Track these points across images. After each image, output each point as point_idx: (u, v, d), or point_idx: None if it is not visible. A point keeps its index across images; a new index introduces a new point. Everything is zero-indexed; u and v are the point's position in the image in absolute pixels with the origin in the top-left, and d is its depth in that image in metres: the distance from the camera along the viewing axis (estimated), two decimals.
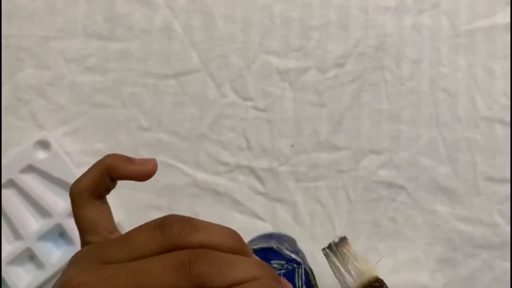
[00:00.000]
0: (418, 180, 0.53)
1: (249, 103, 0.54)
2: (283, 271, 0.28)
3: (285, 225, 0.52)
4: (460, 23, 0.55)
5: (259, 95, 0.54)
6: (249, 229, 0.52)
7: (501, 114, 0.54)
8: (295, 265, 0.29)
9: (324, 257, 0.38)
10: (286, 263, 0.29)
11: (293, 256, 0.29)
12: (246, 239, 0.52)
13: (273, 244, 0.29)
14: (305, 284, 0.28)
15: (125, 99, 0.53)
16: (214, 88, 0.54)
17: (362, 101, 0.54)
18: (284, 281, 0.23)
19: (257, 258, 0.22)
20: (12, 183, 0.50)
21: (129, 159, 0.25)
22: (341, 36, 0.55)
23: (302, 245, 0.52)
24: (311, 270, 0.30)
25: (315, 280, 0.29)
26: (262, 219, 0.52)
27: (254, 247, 0.29)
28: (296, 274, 0.28)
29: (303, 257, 0.31)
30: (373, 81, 0.54)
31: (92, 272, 0.18)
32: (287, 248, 0.30)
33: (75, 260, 0.20)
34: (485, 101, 0.54)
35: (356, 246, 0.53)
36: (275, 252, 0.29)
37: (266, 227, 0.52)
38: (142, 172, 0.24)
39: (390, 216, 0.53)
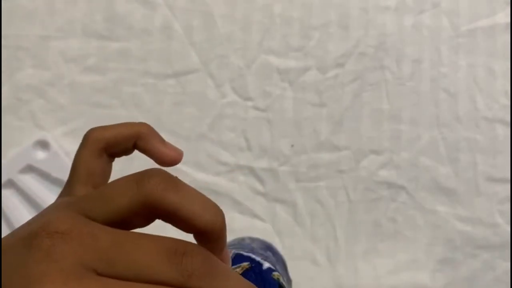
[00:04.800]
0: (419, 180, 0.53)
1: (249, 103, 0.54)
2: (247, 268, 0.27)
3: (285, 225, 0.52)
4: (460, 23, 0.55)
5: (259, 95, 0.54)
6: (249, 229, 0.52)
7: (502, 114, 0.54)
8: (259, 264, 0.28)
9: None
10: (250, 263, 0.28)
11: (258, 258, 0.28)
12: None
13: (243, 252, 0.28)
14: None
15: (125, 99, 0.53)
16: (214, 88, 0.53)
17: (362, 101, 0.54)
18: None
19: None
20: (12, 183, 0.50)
21: (162, 139, 0.24)
22: (341, 36, 0.54)
23: (302, 245, 0.52)
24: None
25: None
26: (262, 219, 0.52)
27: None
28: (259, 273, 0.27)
29: (273, 262, 0.30)
30: (373, 81, 0.54)
31: (73, 222, 0.16)
32: (256, 252, 0.29)
33: (53, 207, 0.19)
34: (485, 101, 0.54)
35: (356, 246, 0.53)
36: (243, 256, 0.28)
37: (266, 227, 0.52)
38: (169, 157, 0.23)
39: (391, 216, 0.53)
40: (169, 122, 0.53)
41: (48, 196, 0.51)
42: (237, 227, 0.52)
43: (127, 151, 0.23)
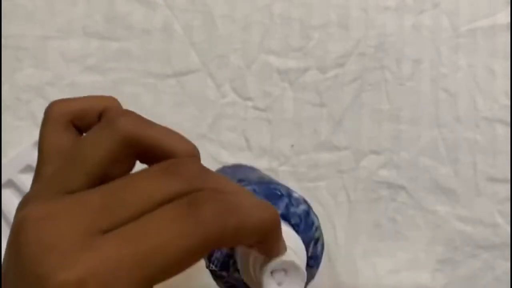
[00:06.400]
0: (419, 180, 0.53)
1: (249, 103, 0.54)
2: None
3: None
4: (460, 23, 0.55)
5: (259, 95, 0.54)
6: None
7: (502, 114, 0.54)
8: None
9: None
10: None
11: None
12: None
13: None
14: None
15: (125, 99, 0.53)
16: (214, 88, 0.53)
17: (362, 101, 0.54)
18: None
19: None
20: (12, 183, 0.50)
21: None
22: (341, 36, 0.54)
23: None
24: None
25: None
26: None
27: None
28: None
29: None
30: (373, 81, 0.54)
31: (55, 201, 0.14)
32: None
33: (29, 198, 0.16)
34: (485, 101, 0.54)
35: (356, 246, 0.53)
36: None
37: None
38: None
39: (391, 216, 0.53)
40: (169, 122, 0.53)
41: None
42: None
43: (92, 126, 0.20)
